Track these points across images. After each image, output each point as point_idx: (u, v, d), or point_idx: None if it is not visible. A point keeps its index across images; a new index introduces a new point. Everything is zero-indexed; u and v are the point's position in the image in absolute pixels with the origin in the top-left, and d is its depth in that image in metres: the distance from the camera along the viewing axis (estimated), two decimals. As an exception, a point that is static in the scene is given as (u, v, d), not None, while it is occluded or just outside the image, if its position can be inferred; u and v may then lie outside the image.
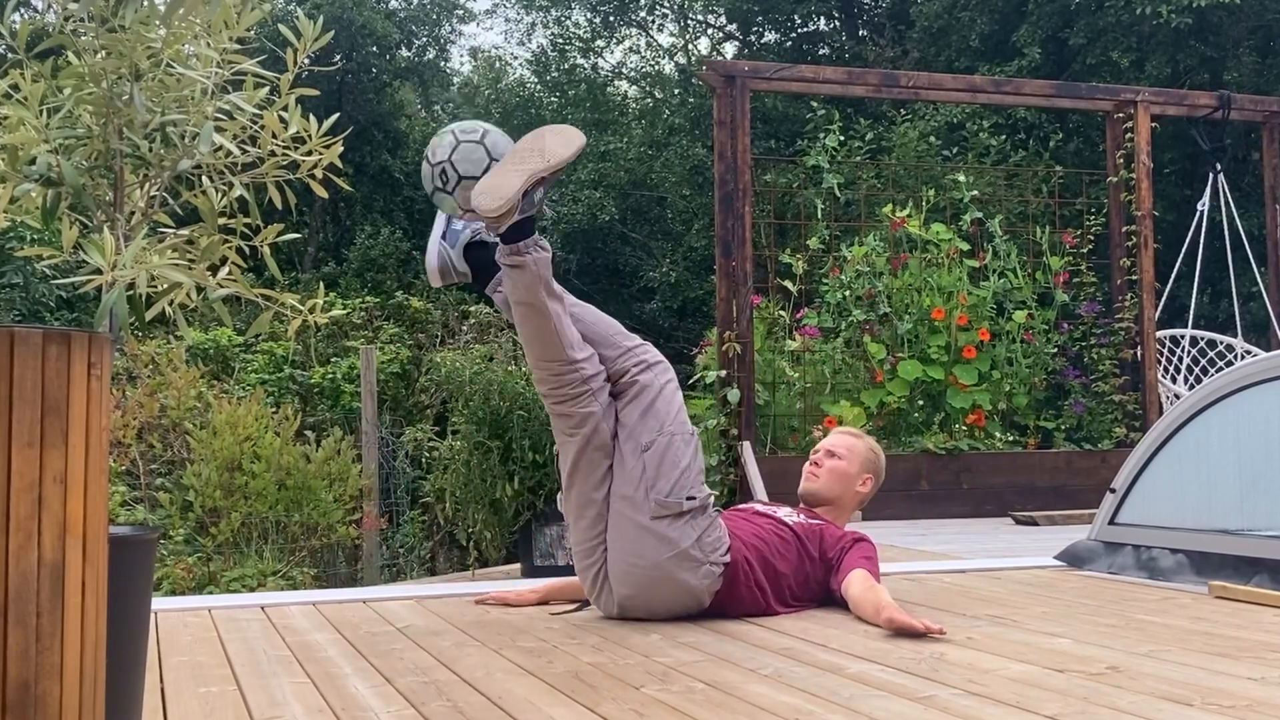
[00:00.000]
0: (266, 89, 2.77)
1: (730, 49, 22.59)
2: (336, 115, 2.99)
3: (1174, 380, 9.23)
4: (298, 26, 2.83)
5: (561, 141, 3.46)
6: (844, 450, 3.97)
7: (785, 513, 3.88)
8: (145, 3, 2.52)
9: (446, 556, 10.22)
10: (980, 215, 9.21)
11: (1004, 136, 15.13)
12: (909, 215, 8.94)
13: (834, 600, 3.67)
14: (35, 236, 11.20)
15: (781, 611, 3.62)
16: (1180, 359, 9.38)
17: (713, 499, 3.63)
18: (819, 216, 9.52)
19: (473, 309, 13.61)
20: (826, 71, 8.86)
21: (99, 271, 2.38)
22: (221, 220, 2.76)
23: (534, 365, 3.58)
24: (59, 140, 2.55)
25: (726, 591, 3.56)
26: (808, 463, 4.01)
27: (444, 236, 3.67)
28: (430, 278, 3.70)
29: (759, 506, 3.99)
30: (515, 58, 25.44)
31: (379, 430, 9.89)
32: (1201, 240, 9.06)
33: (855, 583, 3.55)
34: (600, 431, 3.55)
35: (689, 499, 3.50)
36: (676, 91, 21.79)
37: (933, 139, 15.04)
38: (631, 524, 3.50)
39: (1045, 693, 2.53)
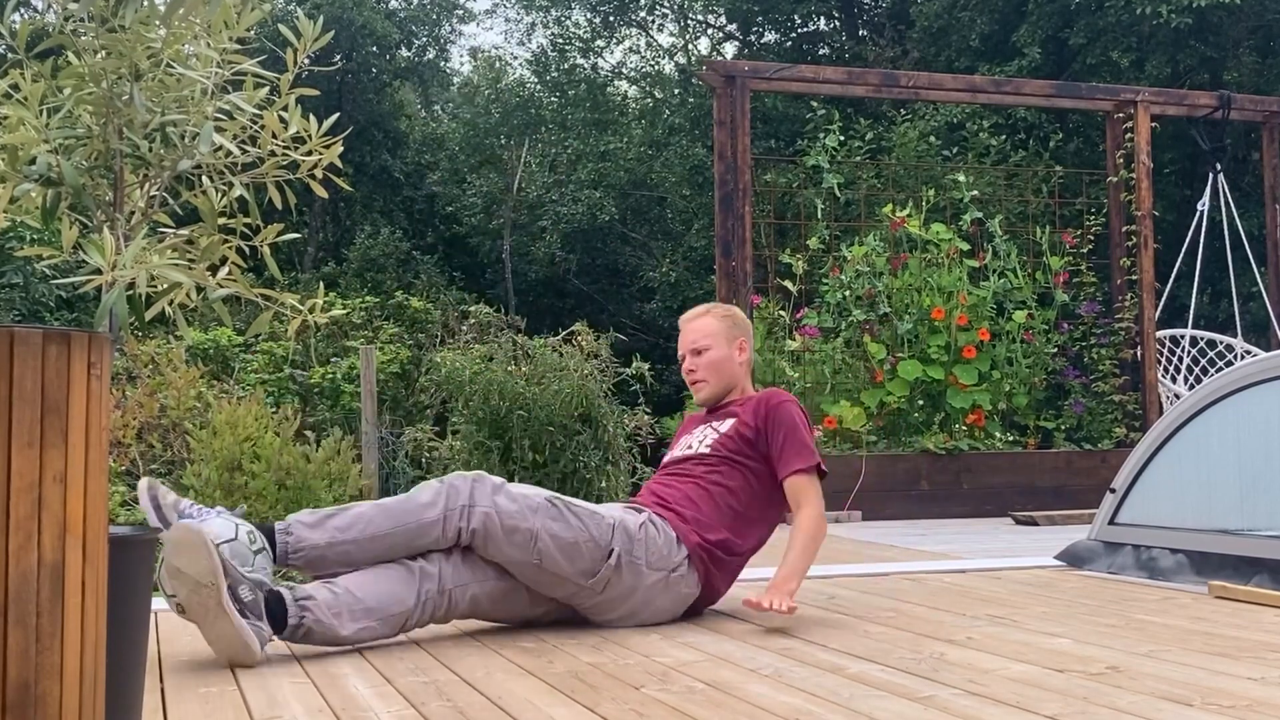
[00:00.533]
0: (266, 89, 2.77)
1: (730, 49, 22.59)
2: (336, 115, 2.99)
3: (1174, 380, 9.24)
4: (298, 26, 2.83)
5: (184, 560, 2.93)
6: (705, 339, 3.82)
7: (700, 438, 3.76)
8: (145, 3, 2.52)
9: (446, 556, 10.20)
10: (980, 215, 9.21)
11: (1004, 136, 15.13)
12: (909, 215, 8.94)
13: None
14: (35, 236, 11.20)
15: (750, 547, 3.65)
16: (1180, 359, 9.38)
17: (619, 522, 3.44)
18: (819, 216, 9.52)
19: (473, 309, 13.61)
20: (826, 71, 8.86)
21: (99, 271, 2.38)
22: (221, 220, 2.76)
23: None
24: (59, 140, 2.55)
25: (704, 579, 3.54)
26: (685, 372, 3.86)
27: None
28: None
29: (676, 453, 3.84)
30: (515, 58, 25.45)
31: (379, 430, 9.89)
32: (1201, 240, 9.06)
33: (803, 524, 3.51)
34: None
35: (608, 556, 3.37)
36: (676, 91, 21.80)
37: (933, 139, 15.05)
38: (585, 606, 3.44)
39: (1045, 693, 2.53)
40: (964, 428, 8.36)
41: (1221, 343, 9.47)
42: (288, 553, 3.18)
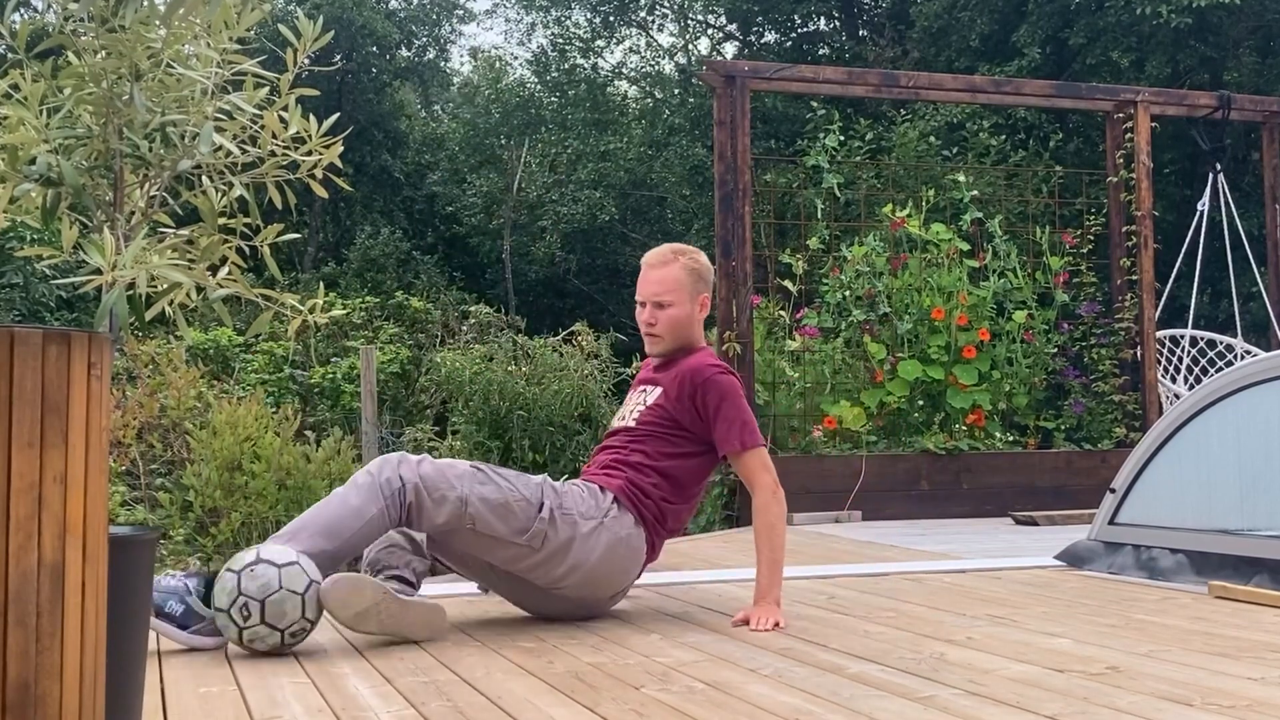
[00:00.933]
0: (266, 89, 2.77)
1: (730, 49, 22.59)
2: (336, 115, 2.99)
3: (1174, 380, 9.23)
4: (298, 27, 2.83)
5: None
6: (669, 294, 3.72)
7: (631, 406, 3.76)
8: (145, 3, 2.52)
9: (446, 556, 10.20)
10: (980, 215, 9.20)
11: (1004, 136, 15.13)
12: (909, 215, 8.93)
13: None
14: (35, 236, 11.20)
15: (686, 501, 3.69)
16: (1180, 359, 9.38)
17: (544, 479, 3.55)
18: (819, 216, 9.52)
19: (473, 309, 13.62)
20: (826, 71, 8.86)
21: (99, 271, 2.38)
22: (221, 220, 2.76)
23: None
24: (59, 140, 2.55)
25: (652, 537, 3.61)
26: (642, 320, 3.75)
27: (185, 625, 3.20)
28: (217, 645, 3.18)
29: (613, 423, 3.81)
30: (515, 58, 25.45)
31: (379, 430, 9.88)
32: (1201, 240, 9.06)
33: (763, 511, 3.52)
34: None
35: (539, 512, 3.43)
36: (676, 91, 21.80)
37: (933, 139, 15.05)
38: (530, 578, 3.50)
39: (1045, 693, 2.53)
40: (964, 428, 8.36)
41: (1221, 343, 9.46)
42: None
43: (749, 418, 3.62)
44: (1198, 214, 9.20)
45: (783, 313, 8.75)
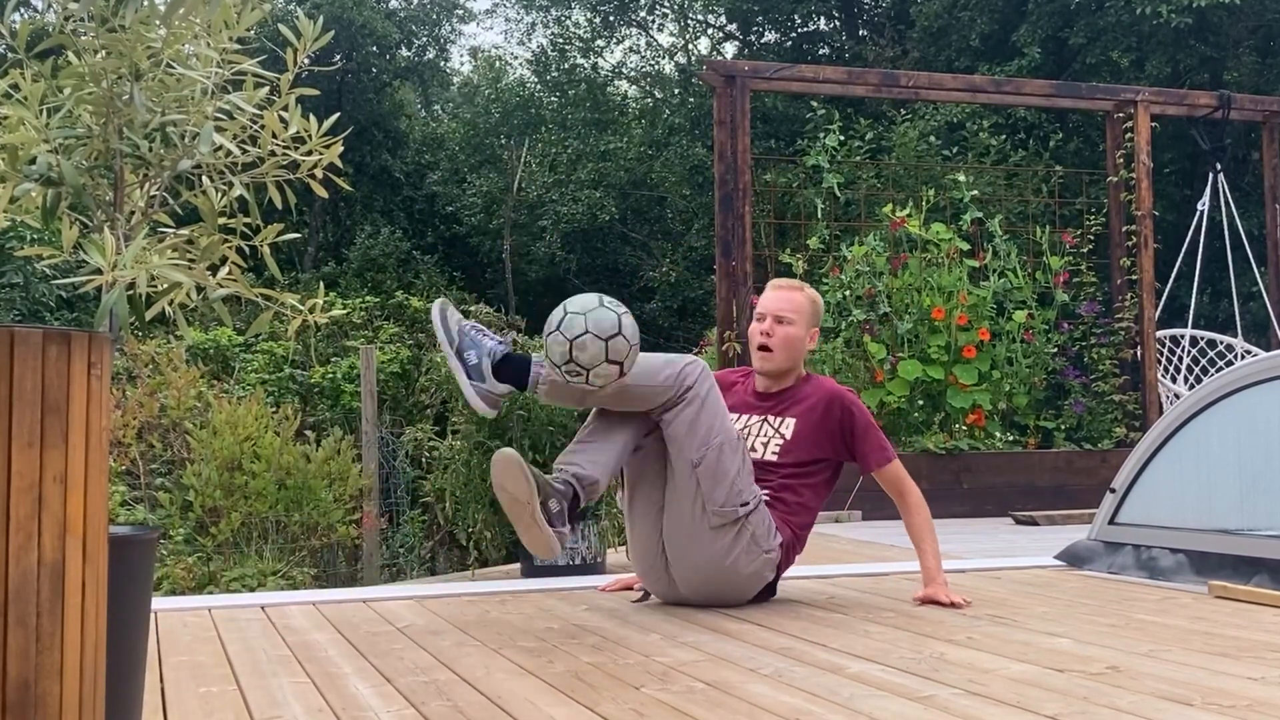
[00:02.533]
0: (266, 89, 2.77)
1: (730, 49, 22.58)
2: (336, 115, 2.99)
3: (1174, 380, 9.24)
4: (298, 26, 2.83)
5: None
6: (792, 312, 3.90)
7: (762, 437, 3.89)
8: (145, 2, 2.52)
9: (446, 556, 10.22)
10: (980, 215, 9.21)
11: (1004, 136, 15.13)
12: (909, 215, 8.94)
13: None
14: (35, 236, 11.20)
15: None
16: (1180, 359, 9.38)
17: (761, 496, 3.71)
18: (819, 216, 9.52)
19: (473, 309, 13.62)
20: (826, 71, 8.86)
21: (99, 271, 2.38)
22: (221, 220, 2.76)
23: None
24: (59, 140, 2.55)
25: (784, 564, 3.81)
26: (758, 331, 3.92)
27: (470, 376, 3.61)
28: (485, 413, 3.66)
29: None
30: (515, 57, 25.44)
31: (379, 430, 9.88)
32: (1201, 240, 9.06)
33: (917, 512, 3.86)
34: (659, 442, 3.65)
35: (742, 505, 3.60)
36: (676, 91, 21.80)
37: (933, 139, 15.04)
38: (691, 534, 3.60)
39: (1045, 692, 2.53)
40: (964, 427, 8.36)
41: (1221, 342, 9.47)
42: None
43: (882, 433, 3.93)
44: (1198, 214, 9.21)
45: (782, 312, 8.73)
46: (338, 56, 20.36)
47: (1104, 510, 4.69)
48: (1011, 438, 8.60)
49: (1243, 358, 9.02)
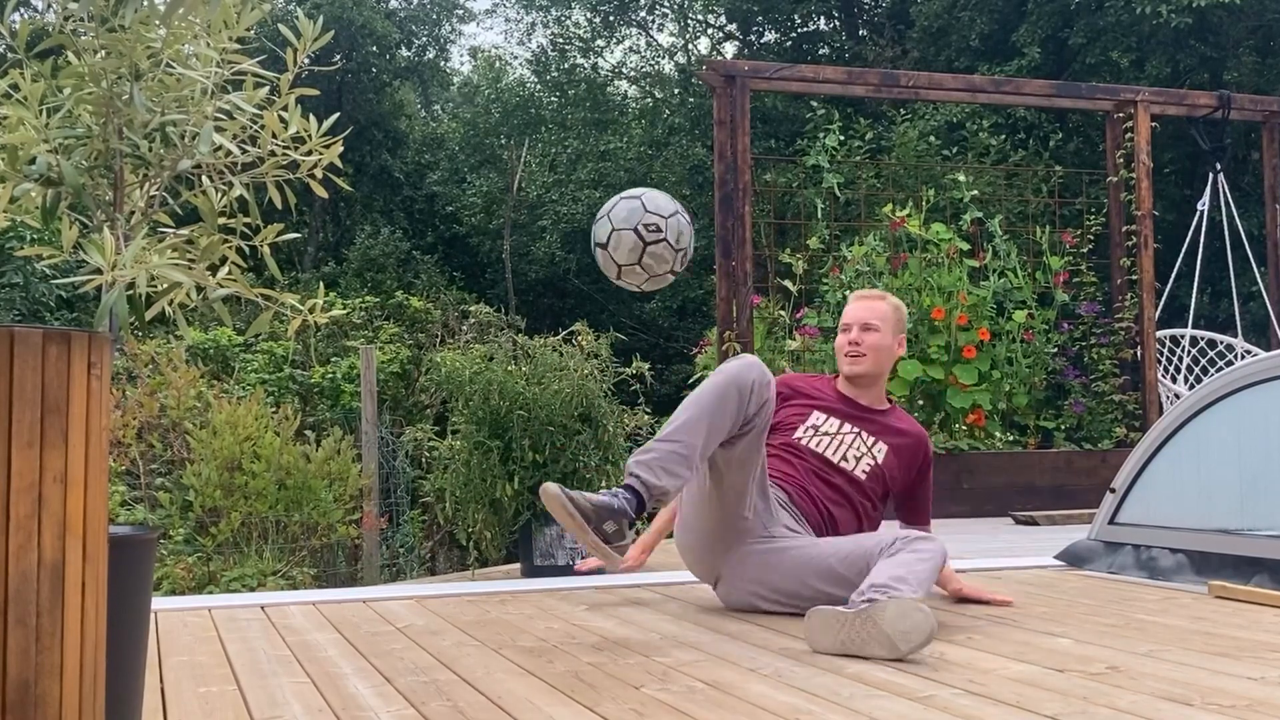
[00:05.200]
0: (266, 89, 2.77)
1: (730, 49, 22.59)
2: (336, 115, 2.99)
3: (1174, 380, 9.23)
4: (297, 26, 2.83)
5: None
6: (878, 320, 3.96)
7: (854, 450, 3.90)
8: (145, 2, 2.52)
9: (446, 556, 10.23)
10: (980, 215, 9.20)
11: (1004, 136, 15.14)
12: (909, 215, 8.93)
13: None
14: (35, 236, 11.20)
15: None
16: (1180, 359, 9.38)
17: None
18: (819, 216, 9.52)
19: (473, 309, 13.62)
20: (826, 71, 8.86)
21: (99, 271, 2.38)
22: (221, 220, 2.76)
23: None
24: (59, 140, 2.55)
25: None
26: (846, 342, 3.97)
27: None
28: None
29: (823, 446, 3.93)
30: (515, 57, 25.46)
31: (379, 430, 9.88)
32: (1201, 240, 9.06)
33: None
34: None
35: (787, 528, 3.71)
36: (676, 91, 21.80)
37: (932, 139, 15.05)
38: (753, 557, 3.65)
39: (1045, 692, 2.53)
40: (964, 427, 8.36)
41: (1221, 342, 9.47)
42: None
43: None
44: (1198, 214, 9.20)
45: (783, 312, 8.75)
46: (338, 56, 20.36)
47: (1104, 510, 4.69)
48: (1011, 438, 8.60)
49: (1243, 358, 9.02)
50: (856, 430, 3.93)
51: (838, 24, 21.19)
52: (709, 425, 3.39)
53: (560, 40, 22.70)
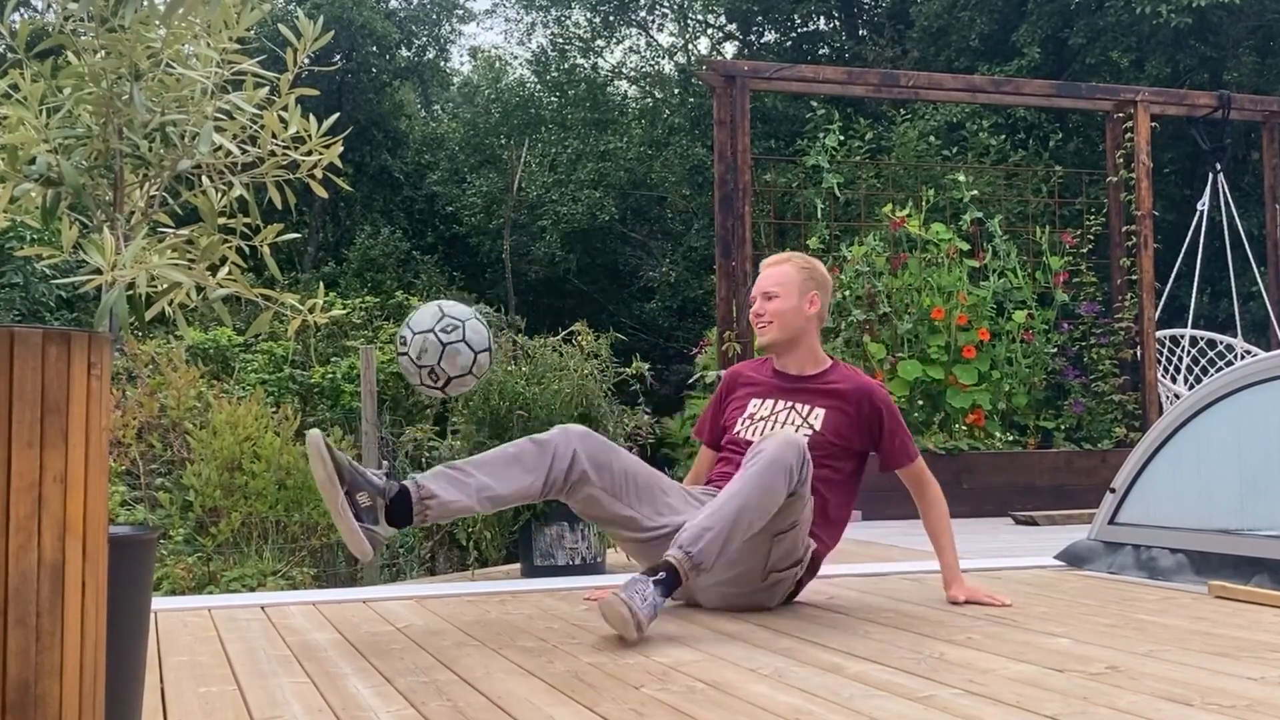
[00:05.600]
0: (266, 89, 2.77)
1: (730, 49, 22.58)
2: (336, 115, 2.99)
3: (1174, 380, 9.24)
4: (297, 26, 2.83)
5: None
6: (777, 286, 3.87)
7: (789, 424, 3.81)
8: (145, 3, 2.52)
9: (446, 556, 10.22)
10: (980, 215, 9.21)
11: (1004, 136, 15.14)
12: (909, 215, 8.94)
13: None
14: (35, 236, 11.20)
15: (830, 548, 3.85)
16: (1180, 359, 9.39)
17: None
18: (819, 216, 9.52)
19: (473, 308, 13.61)
20: (826, 71, 8.86)
21: (99, 271, 2.38)
22: (221, 220, 2.76)
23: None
24: (59, 140, 2.55)
25: (811, 573, 3.82)
26: (752, 317, 3.93)
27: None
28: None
29: (748, 436, 3.87)
30: (515, 57, 25.44)
31: (379, 430, 9.88)
32: (1201, 240, 9.06)
33: (935, 507, 3.84)
34: None
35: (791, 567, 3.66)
36: (676, 91, 21.80)
37: (932, 139, 15.05)
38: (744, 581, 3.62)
39: (1045, 692, 2.53)
40: (964, 427, 8.36)
41: (1221, 342, 9.47)
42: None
43: (907, 431, 3.90)
44: (1197, 214, 9.21)
45: (783, 312, 8.73)
46: (337, 56, 20.37)
47: (1104, 510, 4.69)
48: (1011, 438, 8.60)
49: (1242, 358, 9.02)
50: (790, 404, 3.85)
51: (838, 24, 21.19)
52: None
53: (560, 40, 22.70)
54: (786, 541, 3.54)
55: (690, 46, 23.29)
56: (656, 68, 23.38)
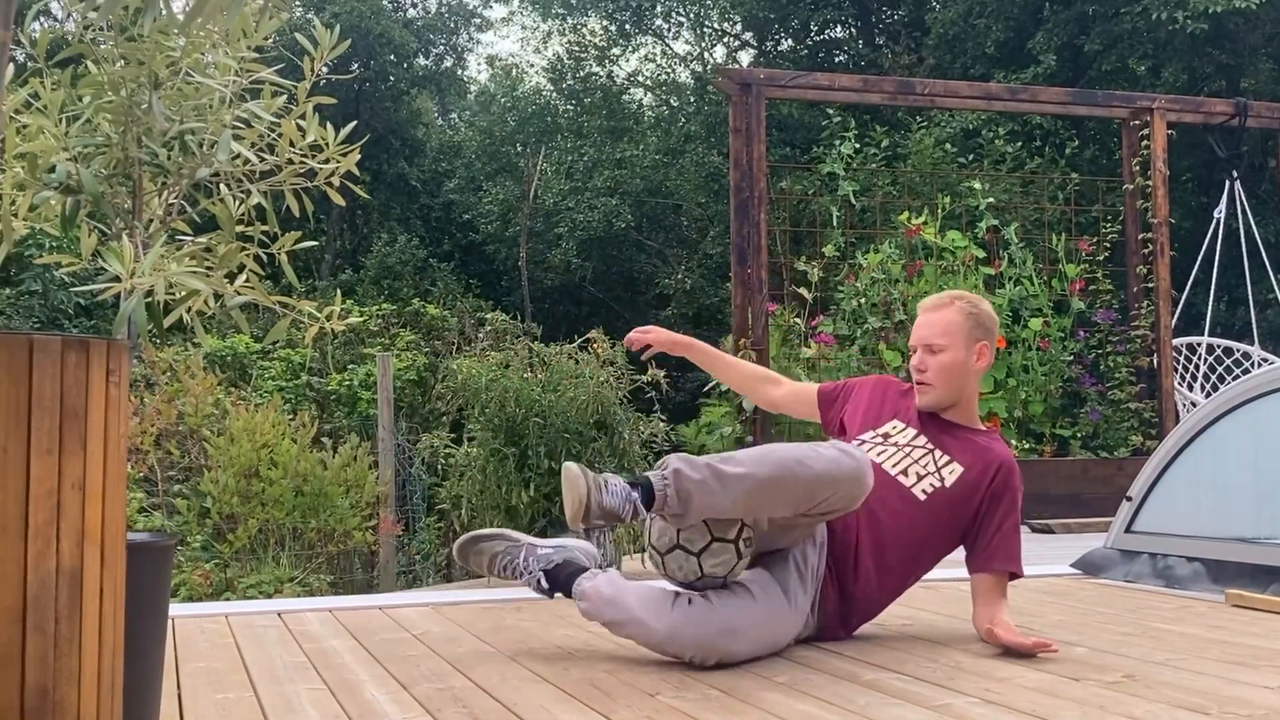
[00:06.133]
0: (284, 97, 2.78)
1: (746, 57, 22.59)
2: (354, 123, 3.01)
3: (1190, 388, 9.21)
4: (315, 35, 2.84)
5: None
6: (941, 337, 3.35)
7: (920, 464, 3.33)
8: (164, 11, 2.54)
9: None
10: (996, 222, 9.20)
11: (1020, 143, 15.11)
12: (924, 222, 8.93)
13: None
14: (54, 244, 11.24)
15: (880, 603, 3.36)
16: (1197, 366, 9.36)
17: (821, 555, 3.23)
18: (834, 223, 9.52)
19: (489, 316, 13.64)
20: (842, 79, 8.86)
21: (117, 279, 2.40)
22: (239, 228, 2.77)
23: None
24: (78, 148, 2.56)
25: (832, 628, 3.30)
26: (912, 370, 3.43)
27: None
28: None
29: (884, 453, 3.38)
30: (531, 65, 25.47)
31: (395, 437, 9.90)
32: (1218, 247, 9.04)
33: (983, 589, 3.30)
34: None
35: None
36: (692, 99, 21.81)
37: (948, 146, 15.03)
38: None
39: (1061, 701, 2.52)
40: (980, 435, 8.34)
41: (1238, 350, 9.44)
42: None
43: (1020, 535, 3.40)
44: (1214, 221, 9.18)
45: (798, 320, 8.75)
46: (355, 65, 20.43)
47: (1120, 518, 4.68)
48: (1027, 445, 8.58)
49: (1259, 365, 8.99)
50: (930, 448, 3.37)
51: (853, 32, 21.18)
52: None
53: (576, 48, 22.72)
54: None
55: (706, 54, 23.31)
56: (672, 76, 23.40)
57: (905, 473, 3.33)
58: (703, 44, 23.45)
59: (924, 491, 3.30)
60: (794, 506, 2.97)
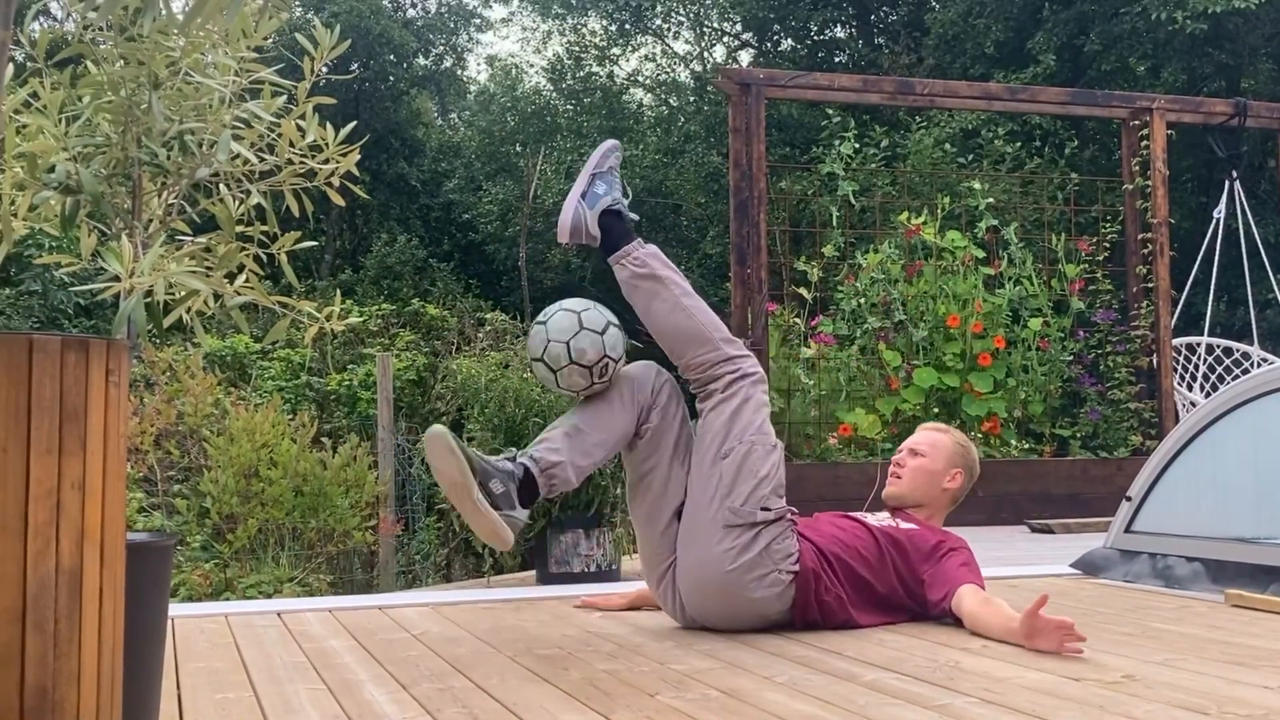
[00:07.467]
0: (284, 97, 2.78)
1: (746, 57, 22.60)
2: (353, 123, 3.00)
3: (1190, 388, 9.21)
4: (315, 35, 2.84)
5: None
6: (927, 447, 3.78)
7: (876, 518, 3.69)
8: (164, 11, 2.54)
9: (462, 563, 10.23)
10: (996, 222, 9.20)
11: (1019, 143, 15.11)
12: (924, 222, 8.93)
13: (928, 616, 3.54)
14: (54, 244, 11.24)
15: (865, 623, 3.48)
16: (1196, 366, 9.36)
17: (789, 514, 3.47)
18: (834, 223, 9.52)
19: (488, 316, 13.65)
20: (841, 79, 8.86)
21: (117, 279, 2.40)
22: (239, 228, 2.77)
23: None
24: (78, 148, 2.56)
25: (801, 601, 3.42)
26: (891, 463, 3.84)
27: (584, 196, 3.59)
28: (560, 234, 3.56)
29: (847, 514, 3.75)
30: (531, 66, 25.45)
31: (395, 437, 9.90)
32: (1217, 247, 9.04)
33: (968, 598, 3.37)
34: (661, 436, 3.50)
35: (763, 510, 3.36)
36: (692, 99, 21.82)
37: (948, 146, 15.03)
38: (701, 532, 3.37)
39: (1061, 701, 2.52)
40: (979, 435, 8.34)
41: (1238, 350, 9.44)
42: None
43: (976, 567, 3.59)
44: (1214, 221, 9.19)
45: (798, 320, 8.76)
46: (355, 65, 20.43)
47: (1120, 518, 4.68)
48: (1027, 446, 8.59)
49: (1259, 365, 9.00)
50: (894, 521, 3.71)
51: (853, 31, 21.19)
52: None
53: (576, 48, 22.73)
54: (759, 544, 3.35)
55: (706, 54, 23.31)
56: (672, 76, 23.40)
57: (865, 515, 3.73)
58: (702, 44, 23.46)
59: (880, 523, 3.65)
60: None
